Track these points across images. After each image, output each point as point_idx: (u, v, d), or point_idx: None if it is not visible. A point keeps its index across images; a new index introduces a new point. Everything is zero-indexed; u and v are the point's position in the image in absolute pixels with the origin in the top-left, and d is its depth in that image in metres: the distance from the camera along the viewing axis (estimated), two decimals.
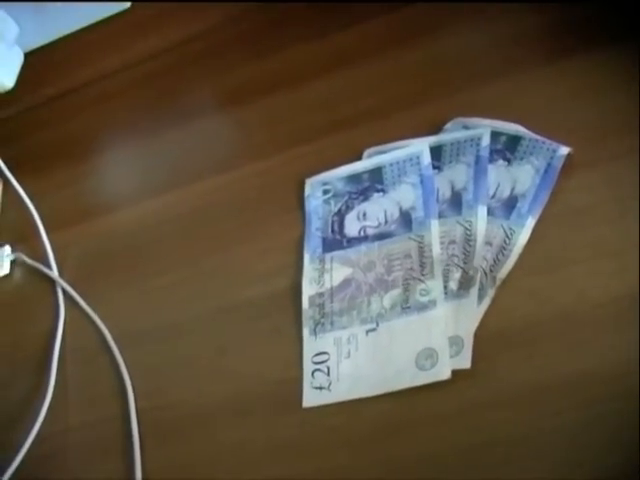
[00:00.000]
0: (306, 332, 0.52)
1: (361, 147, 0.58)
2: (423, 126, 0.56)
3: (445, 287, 0.50)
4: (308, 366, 0.51)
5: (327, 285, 0.53)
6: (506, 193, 0.51)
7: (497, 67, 0.57)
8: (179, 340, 0.57)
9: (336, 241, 0.55)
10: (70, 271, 0.64)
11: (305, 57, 0.64)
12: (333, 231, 0.55)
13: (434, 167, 0.54)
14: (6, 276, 0.66)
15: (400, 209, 0.54)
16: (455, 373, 0.47)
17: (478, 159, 0.52)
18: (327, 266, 0.54)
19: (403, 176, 0.54)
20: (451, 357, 0.48)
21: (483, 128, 0.53)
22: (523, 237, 0.50)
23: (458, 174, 0.53)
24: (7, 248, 0.67)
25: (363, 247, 0.53)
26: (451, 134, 0.54)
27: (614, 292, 0.46)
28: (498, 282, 0.49)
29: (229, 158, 0.64)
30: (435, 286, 0.50)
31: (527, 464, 0.44)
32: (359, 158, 0.57)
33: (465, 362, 0.47)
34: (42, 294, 0.64)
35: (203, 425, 0.53)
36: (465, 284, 0.49)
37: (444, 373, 0.47)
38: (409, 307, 0.50)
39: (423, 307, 0.50)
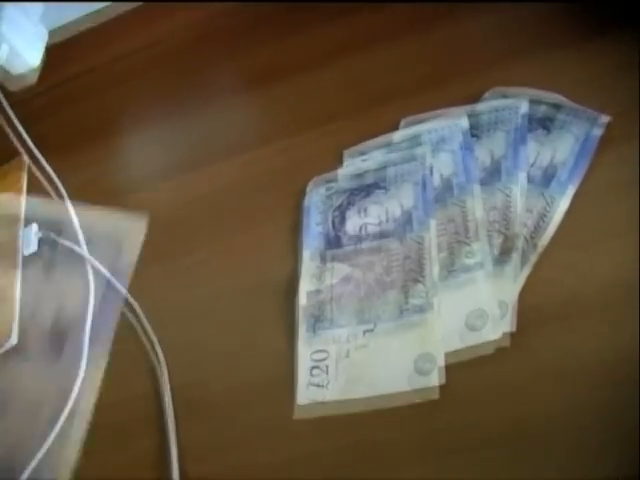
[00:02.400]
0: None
1: (397, 120, 0.58)
2: (459, 100, 0.56)
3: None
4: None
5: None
6: (546, 161, 0.51)
7: (530, 45, 0.57)
8: (210, 317, 0.57)
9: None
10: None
11: (334, 36, 0.64)
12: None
13: (473, 135, 0.54)
14: (34, 254, 0.65)
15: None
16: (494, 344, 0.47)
17: (517, 127, 0.53)
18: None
19: (442, 143, 0.54)
20: None
21: (521, 97, 0.53)
22: (563, 205, 0.50)
23: (497, 142, 0.53)
24: (34, 226, 0.66)
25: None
26: (489, 102, 0.55)
27: None
28: (539, 249, 0.49)
29: (256, 136, 0.64)
30: (481, 248, 0.50)
31: (563, 440, 0.44)
32: (395, 130, 0.57)
33: (511, 325, 0.47)
34: (72, 272, 0.63)
35: (237, 402, 0.53)
36: (507, 249, 0.49)
37: (495, 333, 0.47)
38: (455, 270, 0.50)
39: (469, 269, 0.50)
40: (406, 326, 0.50)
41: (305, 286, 0.53)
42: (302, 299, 0.53)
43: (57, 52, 0.68)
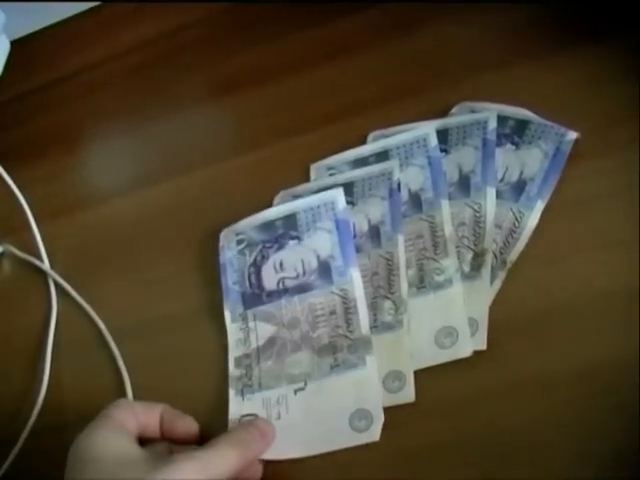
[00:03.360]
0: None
1: (364, 134, 0.57)
2: (427, 113, 0.56)
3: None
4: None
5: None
6: (515, 177, 0.51)
7: (500, 57, 0.57)
8: (176, 333, 0.56)
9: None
10: (61, 263, 0.63)
11: (304, 45, 0.64)
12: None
13: (441, 150, 0.53)
14: None
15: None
16: (463, 361, 0.47)
17: (485, 142, 0.53)
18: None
19: (410, 158, 0.54)
20: None
21: (490, 112, 0.53)
22: (532, 220, 0.50)
23: (465, 157, 0.53)
24: None
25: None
26: (457, 117, 0.54)
27: (621, 282, 0.47)
28: (509, 265, 0.49)
29: (222, 148, 0.63)
30: (450, 264, 0.49)
31: (536, 453, 0.44)
32: (363, 144, 0.57)
33: (481, 343, 0.47)
34: (33, 287, 0.62)
35: (202, 419, 0.51)
36: (476, 265, 0.49)
37: (465, 351, 0.47)
38: (424, 287, 0.50)
39: (439, 286, 0.49)
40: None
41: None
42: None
43: (20, 62, 0.66)
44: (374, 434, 0.47)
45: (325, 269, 0.52)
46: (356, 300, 0.50)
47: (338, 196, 0.53)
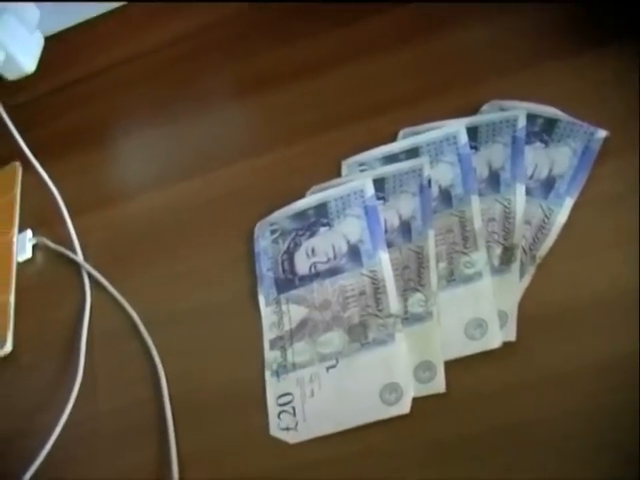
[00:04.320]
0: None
1: (395, 131, 0.58)
2: (457, 111, 0.57)
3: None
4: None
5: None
6: (544, 174, 0.52)
7: (528, 57, 0.58)
8: (208, 323, 0.57)
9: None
10: (94, 255, 0.64)
11: (333, 43, 0.65)
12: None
13: (471, 147, 0.54)
14: (29, 260, 0.65)
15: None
16: (493, 354, 0.48)
17: (515, 139, 0.53)
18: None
19: (440, 155, 0.55)
20: None
21: (519, 110, 0.54)
22: (562, 217, 0.51)
23: (495, 154, 0.54)
24: (29, 232, 0.66)
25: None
26: (487, 115, 0.55)
27: None
28: (538, 260, 0.50)
29: (253, 144, 0.64)
30: (479, 258, 0.50)
31: (562, 445, 0.45)
32: (393, 141, 0.57)
33: (510, 335, 0.48)
34: (66, 278, 0.63)
35: (236, 407, 0.53)
36: (506, 260, 0.50)
37: (494, 342, 0.48)
38: (454, 280, 0.51)
39: (469, 279, 0.50)
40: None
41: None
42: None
43: (53, 59, 0.67)
44: (404, 407, 0.48)
45: (355, 252, 0.53)
46: (385, 280, 0.52)
47: (367, 184, 0.55)
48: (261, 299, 0.55)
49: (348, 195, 0.55)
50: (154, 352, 0.57)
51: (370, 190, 0.55)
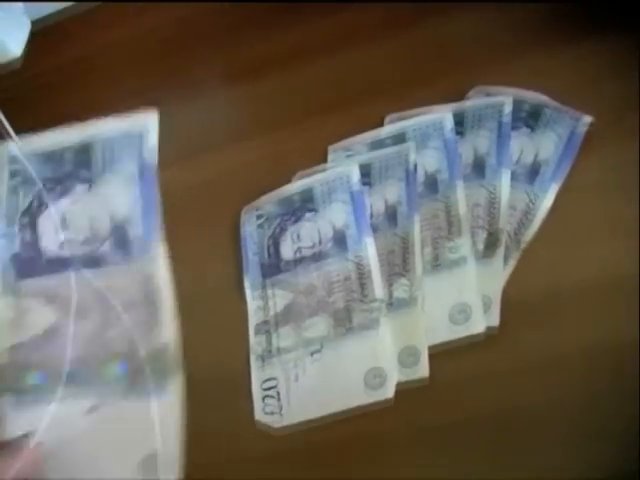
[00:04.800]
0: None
1: (381, 117, 0.58)
2: (443, 97, 0.56)
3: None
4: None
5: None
6: (529, 160, 0.52)
7: (516, 44, 0.57)
8: (199, 307, 0.56)
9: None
10: None
11: (321, 30, 0.64)
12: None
13: (457, 133, 0.54)
14: None
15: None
16: (477, 341, 0.48)
17: (501, 125, 0.53)
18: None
19: (426, 140, 0.55)
20: None
21: (505, 96, 0.54)
22: (547, 203, 0.51)
23: (481, 140, 0.54)
24: None
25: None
26: (473, 101, 0.55)
27: (632, 266, 0.47)
28: (523, 245, 0.50)
29: (240, 130, 0.64)
30: (464, 243, 0.50)
31: (546, 432, 0.45)
32: (380, 126, 0.57)
33: (494, 320, 0.48)
34: None
35: (224, 392, 0.53)
36: (491, 245, 0.50)
37: (478, 327, 0.48)
38: (439, 265, 0.51)
39: (453, 264, 0.50)
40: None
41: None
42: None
43: (41, 42, 0.67)
44: (388, 391, 0.48)
45: (340, 238, 0.53)
46: (370, 266, 0.52)
47: (353, 170, 0.55)
48: (247, 284, 0.55)
49: (334, 181, 0.55)
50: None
51: (356, 176, 0.55)
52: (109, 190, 0.44)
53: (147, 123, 0.43)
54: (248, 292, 0.55)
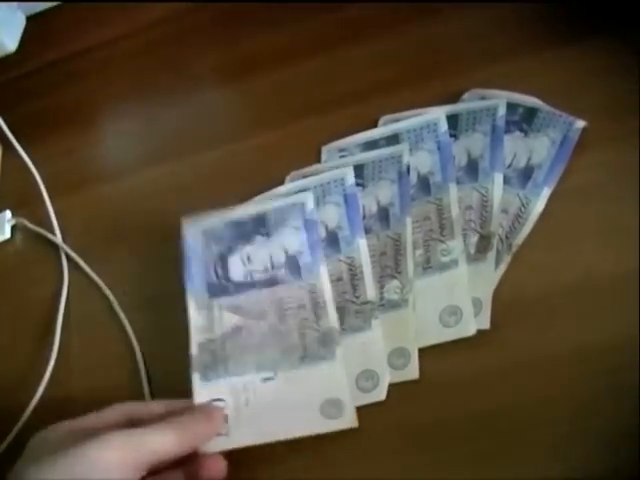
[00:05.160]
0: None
1: (375, 117, 0.58)
2: (438, 99, 0.57)
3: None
4: None
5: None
6: (522, 163, 0.52)
7: (511, 47, 0.58)
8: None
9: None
10: (73, 237, 0.64)
11: (316, 29, 0.65)
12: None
13: (451, 135, 0.54)
14: (7, 241, 0.65)
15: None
16: (469, 340, 0.48)
17: (494, 128, 0.53)
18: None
19: (420, 142, 0.55)
20: None
21: (499, 99, 0.54)
22: (539, 206, 0.51)
23: (474, 142, 0.54)
24: (7, 213, 0.66)
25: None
26: (467, 104, 0.55)
27: (623, 268, 0.48)
28: (514, 249, 0.50)
29: (234, 128, 0.64)
30: (456, 246, 0.50)
31: (536, 431, 0.45)
32: (374, 128, 0.57)
33: (484, 323, 0.48)
34: (45, 260, 0.63)
35: None
36: (482, 248, 0.50)
37: (469, 329, 0.48)
38: (430, 267, 0.51)
39: (445, 267, 0.50)
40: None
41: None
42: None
43: (36, 38, 0.67)
44: (380, 393, 0.48)
45: (333, 239, 0.53)
46: (362, 267, 0.51)
47: (348, 173, 0.55)
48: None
49: (328, 183, 0.55)
50: (131, 334, 0.57)
51: (351, 178, 0.54)
52: (282, 236, 0.53)
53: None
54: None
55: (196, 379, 0.50)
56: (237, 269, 0.53)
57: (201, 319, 0.52)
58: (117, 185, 0.65)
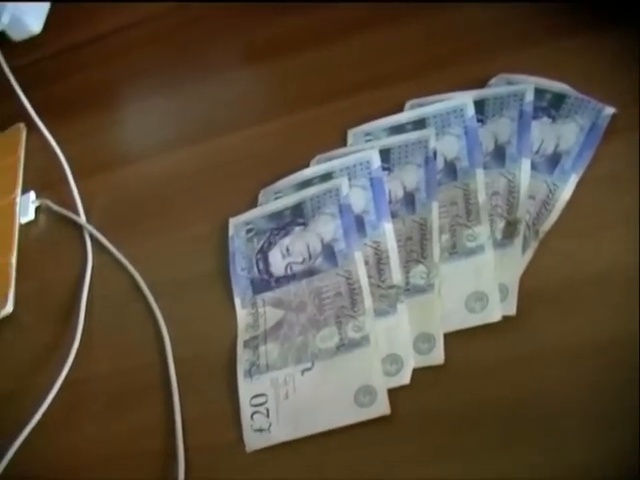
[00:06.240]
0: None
1: (402, 102, 0.58)
2: (465, 84, 0.56)
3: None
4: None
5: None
6: (550, 149, 0.52)
7: (539, 32, 0.57)
8: (211, 289, 0.57)
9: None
10: (98, 218, 0.64)
11: (340, 15, 0.64)
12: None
13: (478, 120, 0.54)
14: (31, 222, 0.65)
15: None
16: (493, 327, 0.48)
17: (522, 114, 0.53)
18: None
19: (447, 127, 0.54)
20: None
21: (527, 84, 0.54)
22: (566, 193, 0.50)
23: (502, 128, 0.53)
24: (32, 194, 0.66)
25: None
26: (495, 89, 0.55)
27: None
28: (541, 235, 0.50)
29: (260, 111, 0.64)
30: (482, 231, 0.50)
31: (559, 419, 0.45)
32: (400, 112, 0.57)
33: (510, 309, 0.48)
34: (69, 241, 0.64)
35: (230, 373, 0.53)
36: (509, 234, 0.50)
37: (495, 315, 0.48)
38: (456, 252, 0.51)
39: (471, 252, 0.50)
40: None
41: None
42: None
43: (60, 20, 0.67)
44: (404, 377, 0.48)
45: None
46: (388, 251, 0.51)
47: (374, 155, 0.55)
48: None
49: (354, 166, 0.55)
50: (158, 315, 0.56)
51: (377, 162, 0.54)
52: (318, 225, 0.54)
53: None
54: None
55: (240, 377, 0.51)
56: (277, 262, 0.54)
57: (247, 318, 0.53)
58: (141, 166, 0.66)
